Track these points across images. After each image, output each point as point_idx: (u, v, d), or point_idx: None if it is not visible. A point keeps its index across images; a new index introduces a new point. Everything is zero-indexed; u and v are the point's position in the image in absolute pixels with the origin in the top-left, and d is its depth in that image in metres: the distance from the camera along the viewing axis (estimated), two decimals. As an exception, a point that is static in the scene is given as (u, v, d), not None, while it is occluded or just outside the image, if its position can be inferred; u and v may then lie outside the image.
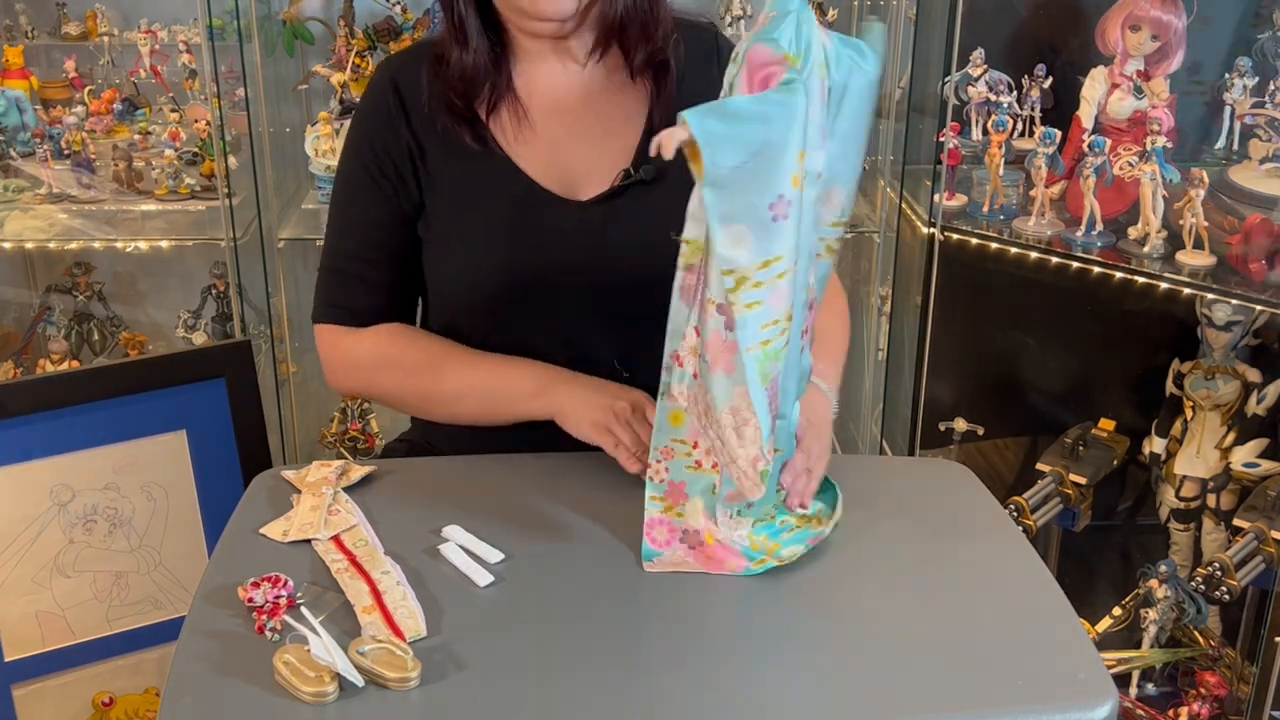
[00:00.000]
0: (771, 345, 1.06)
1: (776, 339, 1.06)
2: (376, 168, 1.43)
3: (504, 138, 1.42)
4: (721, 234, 1.02)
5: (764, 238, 1.02)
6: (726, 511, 1.19)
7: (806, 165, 1.05)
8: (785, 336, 1.08)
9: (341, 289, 1.47)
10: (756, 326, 1.05)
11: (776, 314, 1.05)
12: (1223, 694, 2.10)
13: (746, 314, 1.04)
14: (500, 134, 1.42)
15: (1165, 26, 2.04)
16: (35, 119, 2.53)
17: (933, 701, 1.03)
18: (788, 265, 1.04)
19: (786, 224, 1.02)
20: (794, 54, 1.03)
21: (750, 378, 1.06)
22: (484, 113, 1.42)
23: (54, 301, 2.73)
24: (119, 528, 1.71)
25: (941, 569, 1.22)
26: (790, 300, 1.06)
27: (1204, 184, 1.93)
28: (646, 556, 1.19)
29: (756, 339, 1.05)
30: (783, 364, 1.09)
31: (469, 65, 1.39)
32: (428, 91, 1.41)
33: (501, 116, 1.42)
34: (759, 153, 1.00)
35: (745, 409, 1.09)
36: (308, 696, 1.00)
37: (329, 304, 1.48)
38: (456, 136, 1.41)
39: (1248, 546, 2.03)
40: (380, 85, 1.45)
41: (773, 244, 1.03)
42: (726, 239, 1.02)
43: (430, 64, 1.41)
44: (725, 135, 0.99)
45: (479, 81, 1.40)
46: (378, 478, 1.34)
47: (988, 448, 2.55)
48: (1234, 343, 2.14)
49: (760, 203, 1.01)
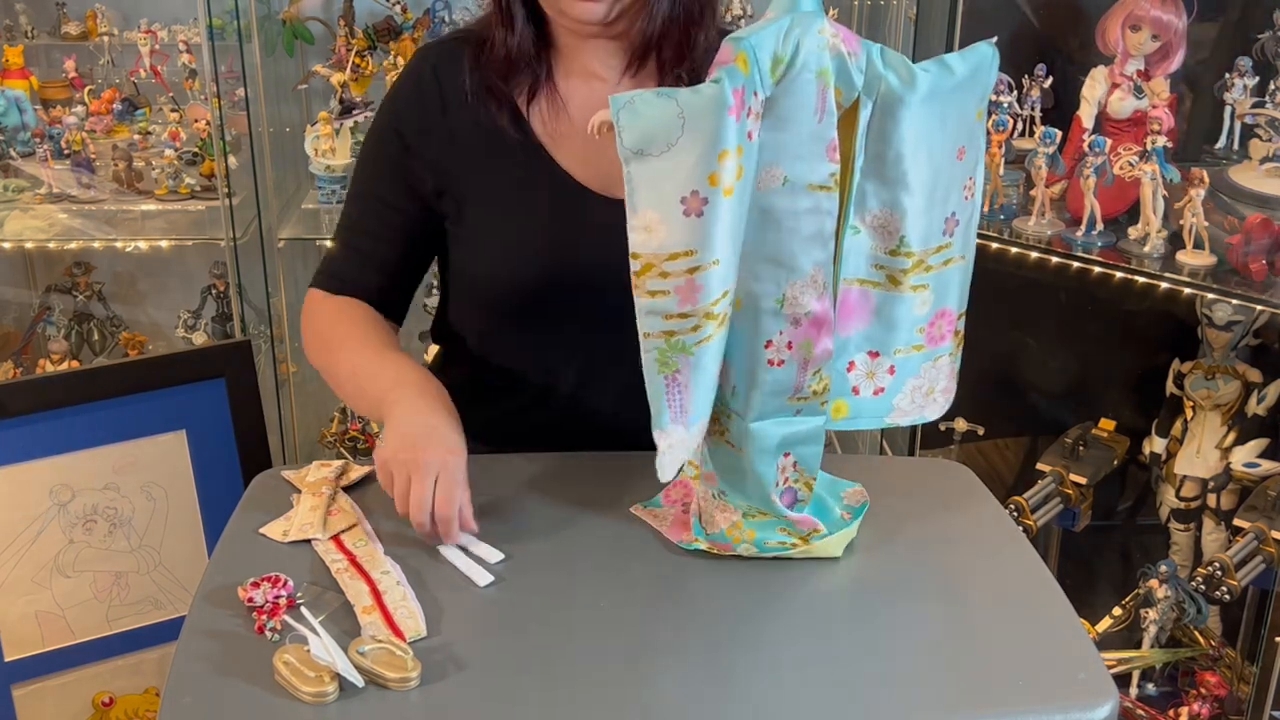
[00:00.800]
0: (677, 338, 1.06)
1: (685, 334, 1.06)
2: (399, 145, 1.43)
3: (542, 131, 1.41)
4: (634, 218, 1.04)
5: (674, 230, 1.03)
6: (707, 490, 1.20)
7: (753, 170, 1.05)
8: (701, 335, 1.06)
9: (337, 257, 1.49)
10: (659, 315, 1.05)
11: (685, 309, 1.05)
12: (1223, 694, 2.10)
13: (649, 301, 1.05)
14: (539, 127, 1.41)
15: (1165, 26, 2.04)
16: (35, 119, 2.54)
17: (933, 701, 1.03)
18: (701, 262, 1.04)
19: (700, 221, 1.03)
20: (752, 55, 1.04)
21: (645, 363, 1.07)
22: (523, 104, 1.41)
23: (54, 301, 2.74)
24: (119, 528, 1.71)
25: (941, 569, 1.22)
26: (708, 300, 1.05)
27: (1204, 184, 1.93)
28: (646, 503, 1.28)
29: (658, 327, 1.06)
30: (696, 363, 1.07)
31: (513, 48, 1.38)
32: (468, 78, 1.40)
33: (540, 109, 1.41)
34: (674, 145, 1.01)
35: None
36: (308, 696, 1.00)
37: (322, 270, 1.50)
38: (495, 129, 1.40)
39: (1248, 546, 2.03)
40: (420, 70, 1.44)
41: (682, 237, 1.03)
42: (639, 224, 1.04)
43: (471, 49, 1.41)
44: (635, 120, 1.01)
45: (522, 65, 1.39)
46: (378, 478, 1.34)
47: (988, 448, 2.55)
48: (1234, 343, 2.14)
49: (673, 194, 1.03)
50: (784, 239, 1.09)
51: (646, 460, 1.35)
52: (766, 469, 1.15)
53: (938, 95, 1.13)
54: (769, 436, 1.15)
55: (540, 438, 1.43)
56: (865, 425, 1.25)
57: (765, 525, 1.19)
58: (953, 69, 1.14)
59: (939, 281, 1.20)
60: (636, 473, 1.32)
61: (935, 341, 1.23)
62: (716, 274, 1.05)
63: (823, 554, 1.20)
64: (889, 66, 1.11)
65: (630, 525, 1.26)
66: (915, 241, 1.16)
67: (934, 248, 1.18)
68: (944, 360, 1.24)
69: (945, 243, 1.18)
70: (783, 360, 1.13)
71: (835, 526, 1.22)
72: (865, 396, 1.23)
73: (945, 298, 1.21)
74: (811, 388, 1.15)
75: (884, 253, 1.17)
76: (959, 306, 1.23)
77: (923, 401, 1.25)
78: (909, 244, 1.16)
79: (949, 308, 1.22)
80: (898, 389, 1.23)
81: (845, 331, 1.19)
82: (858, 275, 1.18)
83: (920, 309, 1.20)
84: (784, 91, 1.07)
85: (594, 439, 1.42)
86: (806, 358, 1.13)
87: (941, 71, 1.13)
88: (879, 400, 1.23)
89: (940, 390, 1.26)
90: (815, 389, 1.15)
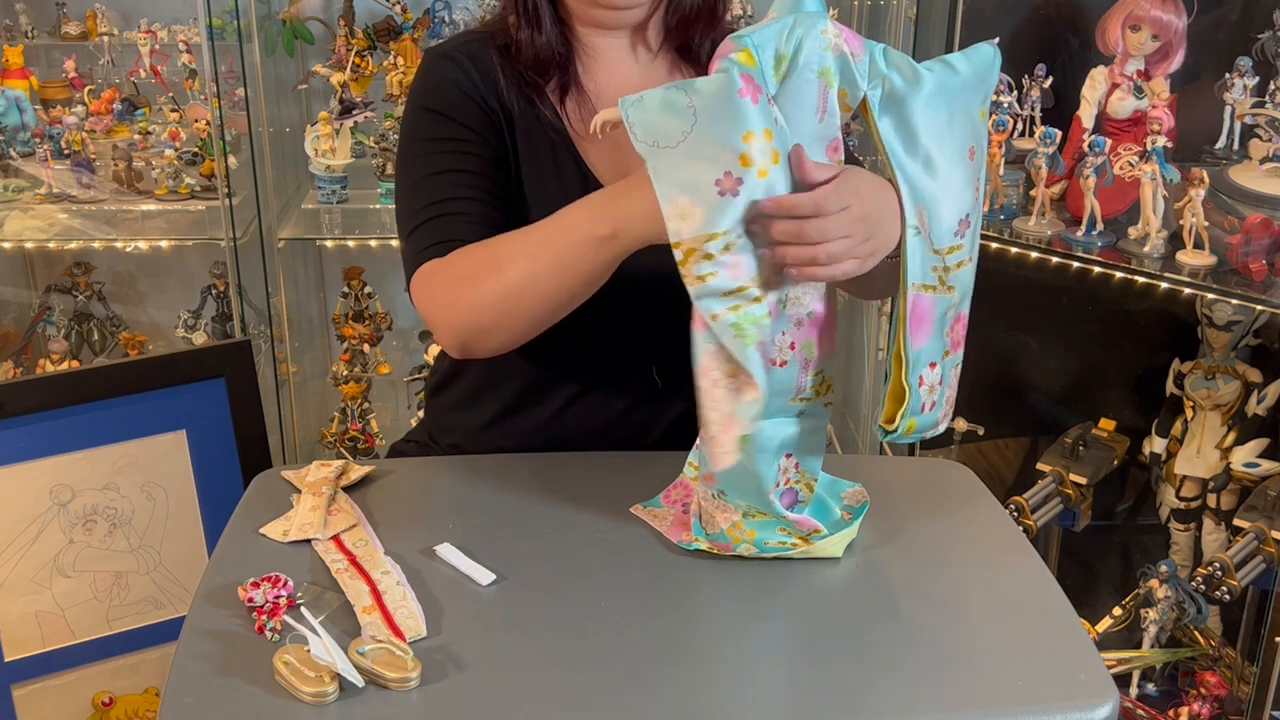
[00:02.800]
0: (743, 310, 1.06)
1: (749, 305, 1.06)
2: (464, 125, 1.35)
3: (571, 132, 1.41)
4: (666, 208, 1.04)
5: (712, 211, 1.04)
6: (707, 491, 1.20)
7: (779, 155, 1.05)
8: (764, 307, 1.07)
9: (432, 232, 1.31)
10: (718, 294, 1.06)
11: (741, 281, 1.06)
12: (1223, 694, 2.10)
13: (701, 285, 1.05)
14: (570, 125, 1.41)
15: (1165, 26, 2.04)
16: (35, 119, 2.54)
17: (933, 701, 1.03)
18: (734, 239, 1.05)
19: (736, 200, 1.04)
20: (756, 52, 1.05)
21: (731, 344, 1.06)
22: (556, 102, 1.41)
23: (54, 301, 2.74)
24: (119, 528, 1.71)
25: (941, 569, 1.22)
26: (754, 274, 1.06)
27: (1204, 184, 1.93)
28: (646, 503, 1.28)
29: (723, 305, 1.06)
30: (771, 333, 1.08)
31: (543, 46, 1.38)
32: (501, 74, 1.38)
33: (571, 106, 1.41)
34: (690, 133, 1.03)
35: (715, 369, 1.08)
36: (308, 697, 1.00)
37: (419, 253, 1.30)
38: (534, 122, 1.38)
39: (1248, 546, 2.03)
40: (453, 60, 1.38)
41: (720, 218, 1.04)
42: (672, 211, 1.04)
43: (496, 52, 1.39)
44: (645, 114, 1.03)
45: (552, 62, 1.39)
46: (377, 478, 1.34)
47: (988, 448, 2.55)
48: (1234, 343, 2.14)
49: (701, 179, 1.03)
50: None
51: (646, 460, 1.35)
52: (766, 469, 1.15)
53: (943, 94, 1.13)
54: (770, 437, 1.15)
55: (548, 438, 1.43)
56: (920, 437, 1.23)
57: (765, 525, 1.19)
58: (956, 68, 1.15)
59: (958, 282, 1.19)
60: (636, 473, 1.32)
61: (957, 346, 1.22)
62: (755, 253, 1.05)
63: (823, 554, 1.20)
64: (892, 66, 1.12)
65: (630, 525, 1.26)
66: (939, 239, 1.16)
67: (947, 248, 1.18)
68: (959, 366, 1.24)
69: (957, 244, 1.18)
70: (785, 361, 1.13)
71: (835, 527, 1.22)
72: (929, 412, 1.22)
73: (963, 300, 1.21)
74: (813, 388, 1.15)
75: (932, 252, 1.16)
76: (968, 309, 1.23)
77: (946, 410, 1.25)
78: (939, 242, 1.16)
79: (964, 310, 1.22)
80: (943, 397, 1.23)
81: (919, 343, 1.17)
82: (923, 281, 1.16)
83: (950, 311, 1.19)
84: (784, 90, 1.07)
85: (599, 442, 1.42)
86: (808, 358, 1.13)
87: (945, 70, 1.14)
88: (932, 413, 1.22)
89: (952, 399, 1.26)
90: (817, 389, 1.15)
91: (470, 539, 1.22)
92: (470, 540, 1.22)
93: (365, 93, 2.52)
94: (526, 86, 1.39)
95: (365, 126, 2.53)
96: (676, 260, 1.05)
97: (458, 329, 1.26)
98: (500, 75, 1.38)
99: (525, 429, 1.46)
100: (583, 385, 1.44)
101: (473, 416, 1.49)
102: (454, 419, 1.52)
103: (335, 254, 2.80)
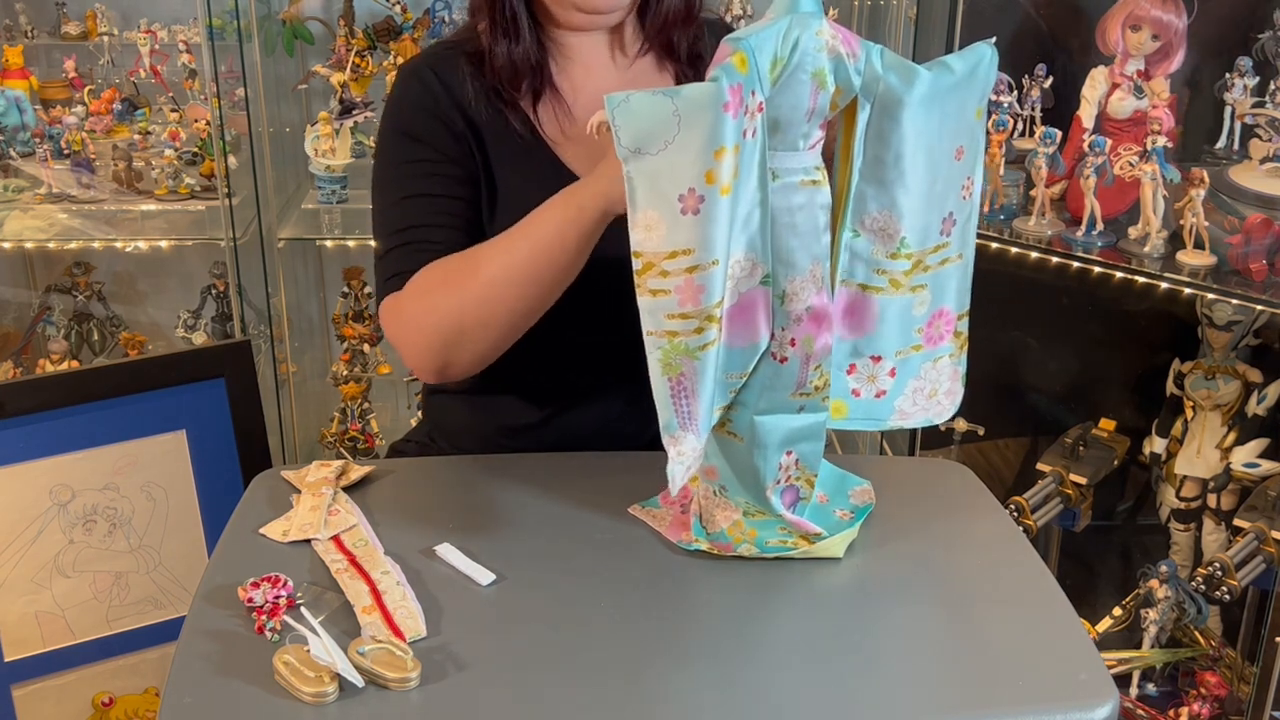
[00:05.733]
0: (680, 340, 1.06)
1: (688, 336, 1.06)
2: (433, 147, 1.38)
3: (549, 132, 1.41)
4: (635, 216, 1.04)
5: (673, 228, 1.03)
6: (708, 487, 1.20)
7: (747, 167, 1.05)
8: (704, 339, 1.06)
9: (401, 259, 1.34)
10: (661, 314, 1.05)
11: (687, 309, 1.05)
12: (1223, 694, 2.10)
13: (651, 300, 1.05)
14: (546, 128, 1.41)
15: (1165, 26, 2.04)
16: (35, 119, 2.54)
17: (933, 701, 1.03)
18: (700, 262, 1.04)
19: (697, 219, 1.03)
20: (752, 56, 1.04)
21: (650, 365, 1.07)
22: (529, 107, 1.41)
23: (54, 301, 2.73)
24: (119, 528, 1.71)
25: (942, 569, 1.22)
26: (710, 302, 1.05)
27: (1204, 184, 1.92)
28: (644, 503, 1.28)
29: (660, 326, 1.05)
30: (701, 369, 1.07)
31: (519, 56, 1.38)
32: (470, 85, 1.38)
33: (546, 110, 1.41)
34: (671, 143, 1.02)
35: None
36: (308, 697, 1.00)
37: (385, 281, 1.35)
38: (505, 131, 1.39)
39: (1248, 547, 2.03)
40: (420, 79, 1.40)
41: (680, 235, 1.03)
42: (640, 222, 1.04)
43: (466, 58, 1.39)
44: (631, 119, 1.01)
45: (526, 73, 1.39)
46: (377, 478, 1.34)
47: (988, 448, 2.55)
48: (1234, 343, 2.14)
49: (670, 192, 1.02)
50: (781, 235, 1.11)
51: (646, 460, 1.35)
52: (767, 464, 1.15)
53: (937, 95, 1.14)
54: (773, 431, 1.15)
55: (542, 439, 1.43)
56: (867, 427, 1.25)
57: (766, 525, 1.19)
58: (952, 68, 1.15)
59: (936, 281, 1.20)
60: (636, 473, 1.32)
61: (934, 342, 1.23)
62: (717, 274, 1.05)
63: (823, 554, 1.20)
64: (888, 67, 1.12)
65: (629, 525, 1.26)
66: (913, 241, 1.17)
67: (931, 247, 1.19)
68: (944, 361, 1.24)
69: (942, 242, 1.19)
70: (786, 356, 1.13)
71: (835, 528, 1.22)
72: (866, 399, 1.23)
73: (943, 297, 1.22)
74: (814, 383, 1.15)
75: (885, 257, 1.17)
76: (958, 306, 1.24)
77: (925, 404, 1.25)
78: (908, 244, 1.17)
79: (947, 307, 1.22)
80: (899, 391, 1.23)
81: (846, 335, 1.20)
82: (858, 279, 1.18)
83: (918, 309, 1.20)
84: (778, 91, 1.07)
85: (597, 441, 1.42)
86: (808, 353, 1.14)
87: (941, 72, 1.14)
88: (881, 403, 1.23)
89: (944, 393, 1.26)
90: (817, 384, 1.15)
91: (470, 539, 1.22)
92: (470, 540, 1.22)
93: (365, 93, 2.52)
94: (496, 97, 1.39)
95: (365, 126, 2.53)
96: (635, 269, 1.04)
97: (433, 343, 1.28)
98: (470, 87, 1.38)
99: (525, 429, 1.46)
100: (581, 385, 1.45)
101: (472, 417, 1.49)
102: (453, 419, 1.52)
103: (335, 254, 2.80)
